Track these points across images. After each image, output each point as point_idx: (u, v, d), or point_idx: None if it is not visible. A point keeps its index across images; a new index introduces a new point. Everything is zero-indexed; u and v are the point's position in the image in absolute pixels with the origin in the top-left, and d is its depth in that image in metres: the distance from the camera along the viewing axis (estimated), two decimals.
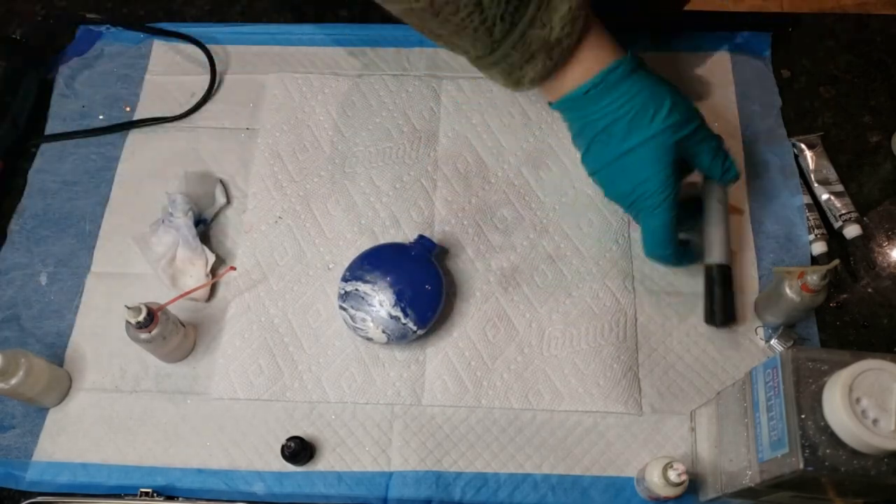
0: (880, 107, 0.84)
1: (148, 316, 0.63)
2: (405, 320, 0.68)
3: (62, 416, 0.70)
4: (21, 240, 0.78)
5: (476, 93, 0.84)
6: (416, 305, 0.68)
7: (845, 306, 0.74)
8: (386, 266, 0.70)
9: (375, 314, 0.68)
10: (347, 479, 0.67)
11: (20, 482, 0.67)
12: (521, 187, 0.79)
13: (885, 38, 0.88)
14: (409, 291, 0.68)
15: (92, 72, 0.87)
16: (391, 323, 0.68)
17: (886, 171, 0.81)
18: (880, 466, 0.48)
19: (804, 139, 0.81)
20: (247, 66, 0.87)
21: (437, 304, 0.70)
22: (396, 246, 0.73)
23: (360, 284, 0.69)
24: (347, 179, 0.80)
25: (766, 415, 0.53)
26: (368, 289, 0.69)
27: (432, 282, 0.70)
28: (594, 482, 0.66)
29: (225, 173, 0.81)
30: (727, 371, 0.71)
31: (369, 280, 0.69)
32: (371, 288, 0.69)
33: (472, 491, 0.66)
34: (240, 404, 0.70)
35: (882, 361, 0.48)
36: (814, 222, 0.76)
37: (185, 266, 0.74)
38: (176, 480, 0.67)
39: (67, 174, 0.81)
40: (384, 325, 0.68)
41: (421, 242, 0.72)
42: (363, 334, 0.69)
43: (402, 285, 0.69)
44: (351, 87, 0.84)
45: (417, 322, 0.68)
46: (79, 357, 0.72)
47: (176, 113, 0.83)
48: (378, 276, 0.69)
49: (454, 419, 0.69)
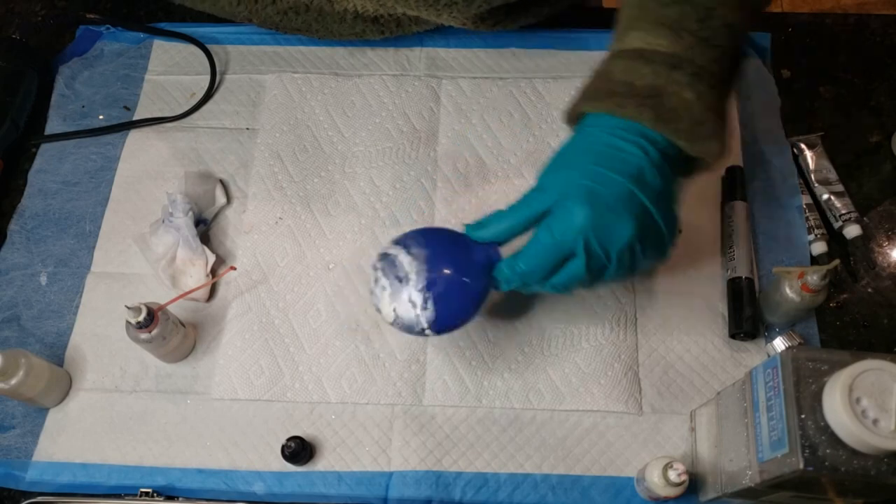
0: (880, 107, 0.84)
1: (148, 316, 0.63)
2: (420, 312, 0.60)
3: (62, 416, 0.70)
4: (21, 240, 0.78)
5: (476, 93, 0.84)
6: (440, 304, 0.60)
7: (845, 306, 0.74)
8: (439, 250, 0.62)
9: (397, 288, 0.61)
10: (347, 479, 0.67)
11: (20, 482, 0.67)
12: (521, 187, 0.78)
13: (885, 38, 0.88)
14: (443, 286, 0.60)
15: (92, 72, 0.87)
16: (406, 307, 0.61)
17: (886, 171, 0.81)
18: (880, 466, 0.48)
19: (804, 139, 0.81)
20: (247, 66, 0.87)
21: (464, 315, 0.62)
22: (462, 238, 0.63)
23: (401, 251, 0.62)
24: (347, 179, 0.80)
25: (765, 415, 0.53)
26: (407, 259, 0.61)
27: (473, 290, 0.61)
28: (594, 482, 0.67)
29: (225, 173, 0.81)
30: (727, 371, 0.71)
31: (413, 253, 0.61)
32: (409, 261, 0.61)
33: (472, 491, 0.66)
34: (240, 404, 0.70)
35: (882, 361, 0.48)
36: (814, 222, 0.76)
37: (185, 266, 0.74)
38: (176, 480, 0.67)
39: (67, 174, 0.81)
40: (398, 305, 0.61)
41: (487, 249, 0.62)
42: (376, 302, 0.62)
43: (440, 276, 0.60)
44: (351, 87, 0.84)
45: (432, 322, 0.61)
46: (79, 357, 0.72)
47: (176, 113, 0.83)
48: (423, 254, 0.61)
49: (454, 419, 0.69)
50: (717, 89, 0.58)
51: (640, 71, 0.57)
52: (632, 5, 0.62)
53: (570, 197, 0.57)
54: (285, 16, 0.79)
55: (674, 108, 0.56)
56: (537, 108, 0.83)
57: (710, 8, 0.58)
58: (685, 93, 0.56)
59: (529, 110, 0.83)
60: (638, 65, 0.58)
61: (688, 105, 0.56)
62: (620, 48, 0.60)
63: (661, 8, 0.59)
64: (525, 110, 0.83)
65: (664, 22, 0.58)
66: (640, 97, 0.56)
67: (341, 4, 0.77)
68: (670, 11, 0.58)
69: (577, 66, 0.85)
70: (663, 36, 0.58)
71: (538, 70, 0.85)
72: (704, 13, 0.58)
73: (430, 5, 0.71)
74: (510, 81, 0.84)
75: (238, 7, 0.76)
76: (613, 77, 0.58)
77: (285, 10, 0.77)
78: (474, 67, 0.86)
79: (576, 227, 0.56)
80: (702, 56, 0.57)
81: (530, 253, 0.59)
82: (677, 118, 0.56)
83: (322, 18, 0.80)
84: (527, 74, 0.85)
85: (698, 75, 0.57)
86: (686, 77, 0.57)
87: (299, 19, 0.80)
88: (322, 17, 0.79)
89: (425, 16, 0.78)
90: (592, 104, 0.59)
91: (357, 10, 0.79)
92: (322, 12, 0.78)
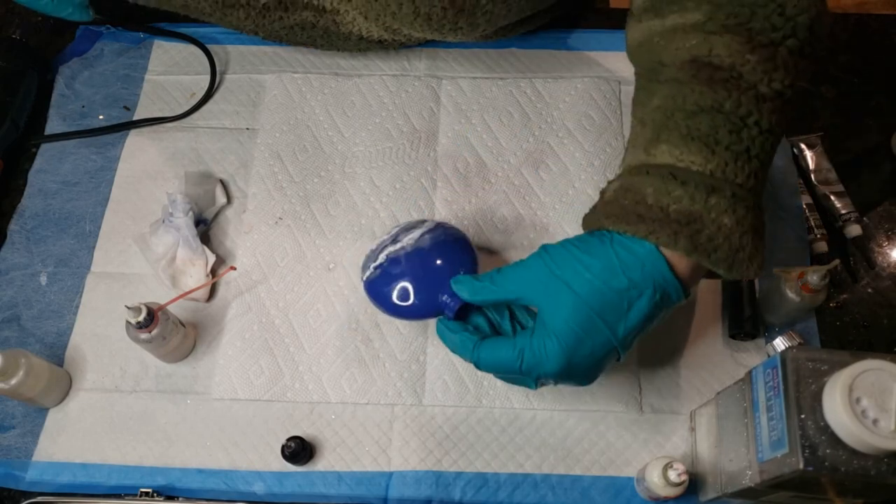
0: (880, 107, 0.84)
1: (148, 316, 0.63)
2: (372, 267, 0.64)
3: (62, 416, 0.70)
4: (21, 240, 0.78)
5: (476, 93, 0.84)
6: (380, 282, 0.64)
7: (845, 306, 0.74)
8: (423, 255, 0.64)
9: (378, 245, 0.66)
10: (347, 479, 0.67)
11: (20, 482, 0.67)
12: (521, 187, 0.79)
13: (885, 38, 0.88)
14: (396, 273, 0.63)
15: (92, 72, 0.87)
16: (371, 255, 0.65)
17: (886, 171, 0.81)
18: (880, 466, 0.48)
19: (804, 139, 0.81)
20: (247, 66, 0.87)
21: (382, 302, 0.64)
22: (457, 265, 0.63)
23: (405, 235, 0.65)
24: (347, 179, 0.80)
25: (765, 415, 0.53)
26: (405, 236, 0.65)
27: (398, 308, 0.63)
28: (594, 482, 0.67)
29: (225, 173, 0.81)
30: (727, 371, 0.71)
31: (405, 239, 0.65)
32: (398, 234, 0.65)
33: (472, 491, 0.66)
34: (240, 404, 0.70)
35: (882, 361, 0.48)
36: (814, 222, 0.76)
37: (185, 266, 0.74)
38: (176, 480, 0.67)
39: (67, 174, 0.81)
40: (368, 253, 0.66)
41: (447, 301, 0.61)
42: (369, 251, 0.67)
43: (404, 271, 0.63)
44: (351, 87, 0.84)
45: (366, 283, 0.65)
46: (79, 357, 0.72)
47: (176, 113, 0.84)
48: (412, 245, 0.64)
49: (454, 419, 0.69)
50: (757, 207, 0.55)
51: (673, 194, 0.53)
52: (655, 109, 0.57)
53: (557, 340, 0.54)
54: (291, 31, 0.79)
55: (711, 236, 0.53)
56: (537, 108, 0.83)
57: (744, 117, 0.54)
58: (724, 219, 0.53)
59: (529, 110, 0.83)
60: (671, 186, 0.54)
61: (727, 233, 0.53)
62: (648, 161, 0.56)
63: (688, 118, 0.55)
64: (525, 110, 0.83)
65: (695, 135, 0.54)
66: (675, 223, 0.53)
67: (347, 27, 0.78)
68: (700, 123, 0.54)
69: (577, 66, 0.86)
70: (695, 152, 0.53)
71: (538, 70, 0.85)
72: (739, 123, 0.54)
73: (434, 30, 0.72)
74: (510, 81, 0.84)
75: (245, 21, 0.77)
76: (645, 199, 0.54)
77: (291, 26, 0.78)
78: (474, 67, 0.86)
79: (545, 375, 0.55)
80: (740, 173, 0.53)
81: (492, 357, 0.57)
82: (715, 248, 0.53)
83: (327, 35, 0.80)
84: (527, 74, 0.85)
85: (736, 196, 0.53)
86: (724, 201, 0.53)
87: (305, 34, 0.80)
88: (327, 35, 0.80)
89: (430, 37, 0.79)
90: (621, 226, 0.54)
91: (362, 34, 0.79)
92: (328, 31, 0.79)
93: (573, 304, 0.53)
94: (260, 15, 0.75)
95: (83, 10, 0.71)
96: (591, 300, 0.53)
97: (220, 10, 0.75)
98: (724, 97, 0.54)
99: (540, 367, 0.55)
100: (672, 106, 0.56)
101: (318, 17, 0.76)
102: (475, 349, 0.58)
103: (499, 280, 0.58)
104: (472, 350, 0.58)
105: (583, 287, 0.54)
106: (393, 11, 0.69)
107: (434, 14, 0.68)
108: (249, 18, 0.76)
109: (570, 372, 0.55)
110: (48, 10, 0.70)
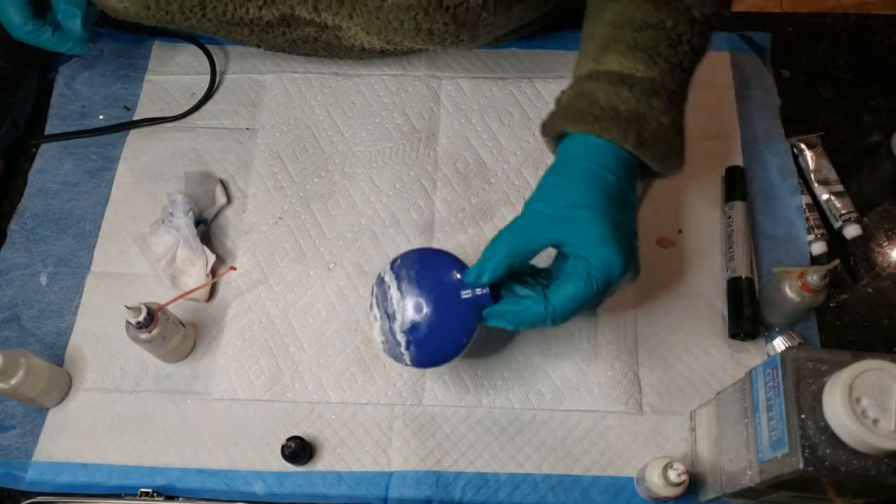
0: (880, 107, 0.84)
1: (148, 316, 0.63)
2: (404, 351, 0.61)
3: (62, 416, 0.70)
4: (21, 240, 0.78)
5: (476, 93, 0.84)
6: (422, 347, 0.61)
7: (845, 306, 0.74)
8: (427, 287, 0.61)
9: (385, 323, 0.62)
10: (347, 479, 0.67)
11: (20, 482, 0.67)
12: (521, 187, 0.79)
13: (885, 38, 0.88)
14: (425, 331, 0.60)
15: (92, 72, 0.87)
16: (391, 340, 0.61)
17: (886, 171, 0.81)
18: (880, 466, 0.48)
19: (804, 139, 0.81)
20: (247, 66, 0.87)
21: (443, 358, 0.62)
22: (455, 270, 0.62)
23: (393, 283, 0.62)
24: (347, 179, 0.80)
25: (765, 415, 0.53)
26: (397, 296, 0.61)
27: (456, 339, 0.61)
28: (594, 482, 0.67)
29: (225, 173, 0.81)
30: (727, 371, 0.71)
31: (403, 288, 0.61)
32: (399, 297, 0.61)
33: (472, 491, 0.66)
34: (240, 404, 0.70)
35: (882, 361, 0.48)
36: (814, 222, 0.76)
37: (185, 266, 0.74)
38: (176, 480, 0.67)
39: (67, 174, 0.81)
40: (385, 339, 0.62)
41: (478, 294, 0.60)
42: (371, 324, 0.64)
43: (425, 321, 0.60)
44: (351, 87, 0.84)
45: (414, 360, 0.61)
46: (79, 357, 0.72)
47: (176, 113, 0.84)
48: (412, 292, 0.61)
49: (454, 419, 0.69)
50: (683, 112, 0.63)
51: (622, 96, 0.60)
52: (605, 24, 0.65)
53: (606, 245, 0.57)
54: (293, 44, 0.81)
55: (653, 133, 0.60)
56: (537, 108, 0.83)
57: (680, 34, 0.62)
58: (663, 118, 0.60)
59: (529, 110, 0.83)
60: (620, 89, 0.60)
61: (664, 130, 0.60)
62: (598, 69, 0.63)
63: (635, 32, 0.62)
64: (525, 110, 0.83)
65: (640, 46, 0.62)
66: (624, 121, 0.59)
67: (349, 41, 0.78)
68: (644, 36, 0.62)
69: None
70: (640, 60, 0.61)
71: (538, 70, 0.85)
72: (676, 39, 0.62)
73: (437, 43, 0.73)
74: (510, 81, 0.84)
75: (249, 37, 0.78)
76: (598, 101, 0.60)
77: (294, 41, 0.79)
78: (474, 67, 0.86)
79: (616, 279, 0.58)
80: (674, 81, 0.62)
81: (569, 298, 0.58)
82: (655, 143, 0.60)
83: (329, 48, 0.81)
84: (527, 74, 0.85)
85: (672, 100, 0.61)
86: (663, 103, 0.61)
87: (307, 47, 0.81)
88: (329, 47, 0.81)
89: (431, 49, 0.79)
90: (578, 126, 0.61)
91: (364, 46, 0.79)
92: (330, 44, 0.79)
93: (596, 217, 0.58)
94: (263, 31, 0.77)
95: (82, 43, 0.75)
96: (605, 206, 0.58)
97: (225, 29, 0.76)
98: (665, 16, 0.62)
99: (612, 274, 0.58)
100: (622, 20, 0.63)
101: (320, 33, 0.77)
102: (547, 305, 0.59)
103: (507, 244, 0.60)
104: (546, 306, 0.59)
105: (590, 199, 0.58)
106: (395, 28, 0.71)
107: (436, 29, 0.70)
108: (253, 34, 0.78)
109: (630, 264, 0.59)
110: (49, 45, 0.73)
